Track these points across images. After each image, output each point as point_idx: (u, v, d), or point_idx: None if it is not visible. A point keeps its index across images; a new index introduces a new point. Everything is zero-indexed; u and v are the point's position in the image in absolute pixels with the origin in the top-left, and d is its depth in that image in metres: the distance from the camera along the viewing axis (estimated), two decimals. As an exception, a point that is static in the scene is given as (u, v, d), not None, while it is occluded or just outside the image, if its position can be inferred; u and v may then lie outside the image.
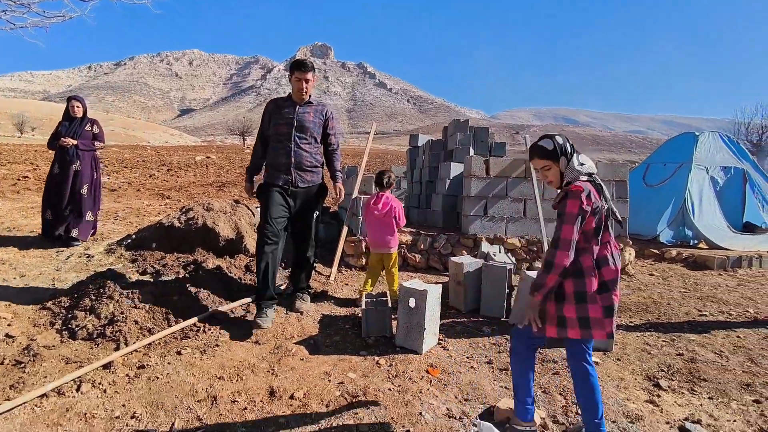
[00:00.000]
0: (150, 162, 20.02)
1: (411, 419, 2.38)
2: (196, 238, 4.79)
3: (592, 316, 1.99)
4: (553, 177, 2.11)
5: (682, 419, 2.50)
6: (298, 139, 3.59)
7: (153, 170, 17.31)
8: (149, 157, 22.34)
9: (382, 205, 4.07)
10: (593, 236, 2.03)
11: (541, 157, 2.10)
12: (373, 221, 4.10)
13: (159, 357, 2.94)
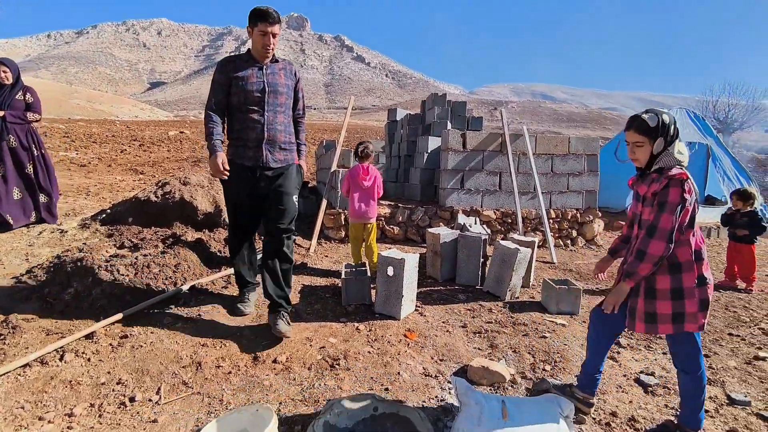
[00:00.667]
0: (120, 137, 19.32)
1: (390, 378, 2.52)
2: (174, 213, 4.76)
3: (688, 312, 1.90)
4: (642, 156, 1.94)
5: (638, 372, 2.72)
6: (271, 107, 2.90)
7: (124, 145, 16.74)
8: (119, 132, 21.53)
9: (369, 175, 4.14)
10: (688, 227, 1.91)
11: (638, 131, 1.92)
12: (360, 192, 4.16)
13: (141, 327, 2.98)
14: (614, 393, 2.48)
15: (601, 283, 4.54)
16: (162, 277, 3.41)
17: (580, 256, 5.61)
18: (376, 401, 2.09)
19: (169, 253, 3.69)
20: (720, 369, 2.81)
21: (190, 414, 2.15)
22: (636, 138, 1.93)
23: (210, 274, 3.75)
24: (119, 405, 2.20)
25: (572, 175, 5.98)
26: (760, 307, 4.01)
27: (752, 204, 4.54)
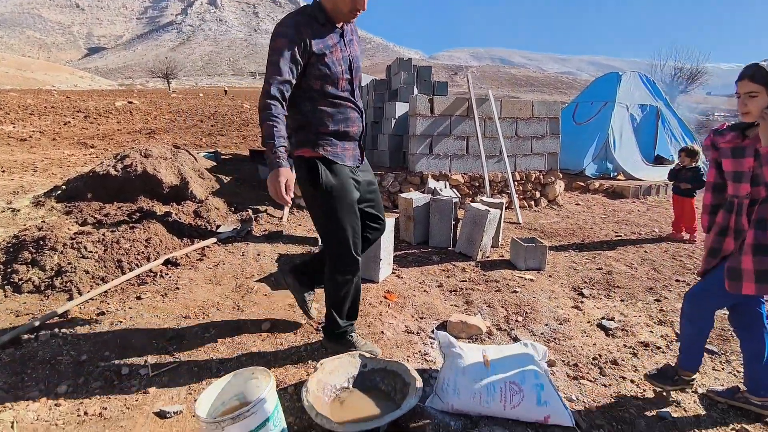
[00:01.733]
0: (61, 108, 17.92)
1: (374, 337, 2.63)
2: (137, 186, 4.57)
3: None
4: (755, 108, 1.79)
5: (599, 318, 2.97)
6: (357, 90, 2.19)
7: (67, 117, 15.58)
8: (59, 103, 19.94)
9: None
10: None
11: (755, 80, 1.76)
12: None
13: (118, 303, 2.93)
14: (580, 338, 2.71)
15: (563, 240, 4.81)
16: (134, 252, 3.33)
17: (543, 215, 5.89)
18: (364, 358, 2.19)
19: (139, 227, 3.58)
20: (670, 311, 3.11)
21: (180, 384, 2.18)
22: (751, 88, 1.77)
23: (183, 247, 3.69)
24: (106, 381, 2.19)
25: (536, 138, 6.18)
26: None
27: (697, 161, 4.89)
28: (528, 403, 1.90)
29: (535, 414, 1.90)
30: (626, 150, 8.49)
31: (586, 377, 2.31)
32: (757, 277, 1.77)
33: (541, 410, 1.90)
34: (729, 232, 1.89)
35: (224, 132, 14.28)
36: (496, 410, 1.92)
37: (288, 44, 1.89)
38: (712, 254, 1.95)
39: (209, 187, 5.24)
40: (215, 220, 4.42)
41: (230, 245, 4.06)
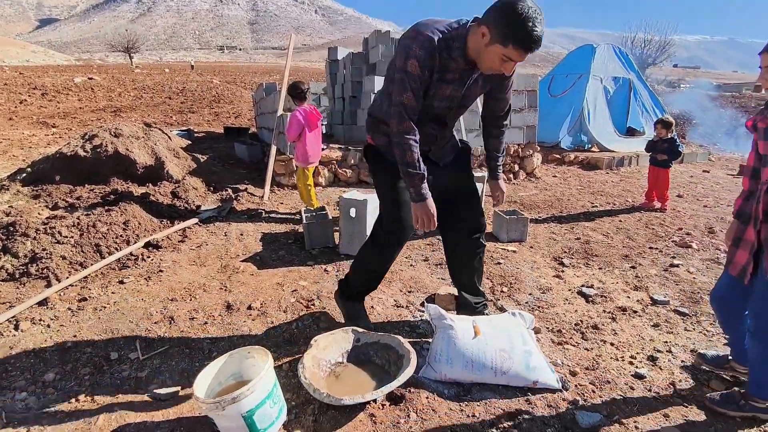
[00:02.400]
0: (15, 85, 16.81)
1: (364, 312, 2.66)
2: (109, 168, 4.39)
3: None
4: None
5: (579, 286, 3.09)
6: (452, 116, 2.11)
7: (23, 95, 14.67)
8: (12, 80, 18.68)
9: (319, 115, 4.04)
10: None
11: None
12: (314, 133, 4.05)
13: (100, 288, 2.86)
14: (562, 305, 2.82)
15: (542, 212, 4.92)
16: (112, 235, 3.23)
17: (522, 188, 5.99)
18: (357, 333, 2.23)
19: (115, 210, 3.46)
20: (644, 277, 3.26)
21: (173, 366, 2.16)
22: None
23: (163, 229, 3.60)
24: (95, 367, 2.15)
25: (514, 111, 6.21)
26: (672, 224, 4.59)
27: (672, 132, 5.03)
28: (518, 369, 1.98)
29: (524, 379, 1.98)
30: (600, 122, 8.65)
31: (570, 342, 2.41)
32: None
33: (530, 375, 1.98)
34: (750, 221, 1.75)
35: (195, 109, 13.78)
36: (487, 377, 1.99)
37: (420, 69, 1.75)
38: (735, 243, 1.82)
39: (186, 166, 5.09)
40: (194, 200, 4.31)
41: (212, 225, 3.98)
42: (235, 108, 14.68)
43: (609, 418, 1.85)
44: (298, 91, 4.03)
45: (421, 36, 1.73)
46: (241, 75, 30.68)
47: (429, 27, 1.76)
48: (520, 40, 1.58)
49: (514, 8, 1.55)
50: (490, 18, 1.63)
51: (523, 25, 1.55)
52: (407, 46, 1.74)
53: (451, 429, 1.78)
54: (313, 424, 1.78)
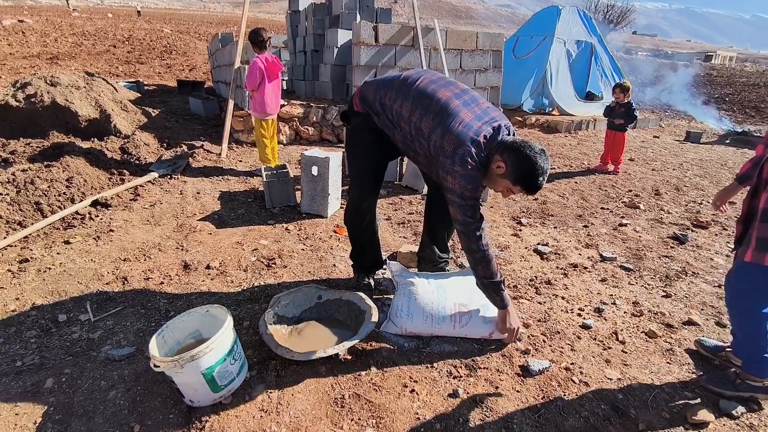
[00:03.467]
0: (-69, 26, 14.90)
1: (327, 270, 2.67)
2: (47, 120, 4.03)
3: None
4: None
5: (535, 244, 3.21)
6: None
7: (-60, 37, 13.04)
8: (-73, 19, 16.52)
9: (280, 64, 3.84)
10: None
11: None
12: (274, 84, 3.85)
13: (43, 249, 2.69)
14: (518, 262, 2.93)
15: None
16: (54, 193, 3.01)
17: (484, 150, 6.06)
18: (319, 290, 2.23)
19: (56, 166, 3.21)
20: (595, 235, 3.42)
21: (128, 327, 2.10)
22: None
23: (112, 187, 3.39)
24: (42, 329, 2.06)
25: (479, 71, 6.17)
26: (623, 186, 4.81)
27: (629, 96, 5.17)
28: (474, 322, 2.06)
29: (480, 331, 2.07)
30: (562, 86, 8.77)
31: (525, 297, 2.53)
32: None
33: (485, 327, 2.07)
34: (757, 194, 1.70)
35: (144, 60, 12.78)
36: (446, 330, 2.06)
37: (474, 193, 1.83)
38: (741, 219, 1.79)
39: (135, 120, 4.75)
40: (146, 156, 4.06)
41: (166, 183, 3.79)
42: (189, 60, 13.74)
43: (557, 364, 1.98)
44: (260, 38, 3.79)
45: (476, 171, 1.79)
46: (195, 24, 28.53)
47: (480, 156, 1.79)
48: (528, 186, 1.76)
49: (532, 164, 1.71)
50: (510, 158, 1.74)
51: (535, 178, 1.73)
52: (474, 179, 1.80)
53: (410, 378, 1.84)
54: (275, 379, 1.80)
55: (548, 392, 1.82)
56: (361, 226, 2.37)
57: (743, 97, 14.34)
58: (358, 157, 2.26)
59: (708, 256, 3.16)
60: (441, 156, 1.83)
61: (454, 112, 1.84)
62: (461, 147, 1.78)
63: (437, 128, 1.83)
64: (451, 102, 1.86)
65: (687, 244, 3.36)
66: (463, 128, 1.80)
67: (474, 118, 1.85)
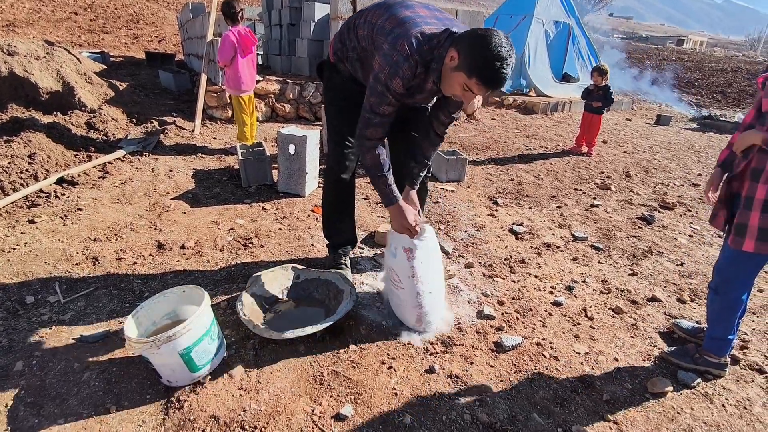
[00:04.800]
0: None
1: (305, 250, 2.66)
2: (4, 92, 3.80)
3: None
4: None
5: (510, 224, 3.28)
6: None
7: None
8: None
9: (254, 38, 3.71)
10: None
11: None
12: (248, 58, 3.73)
13: (6, 228, 2.58)
14: (494, 242, 2.99)
15: (480, 154, 5.05)
16: (15, 170, 2.87)
17: (462, 130, 6.07)
18: (297, 270, 2.23)
19: (16, 141, 3.05)
20: (568, 216, 3.52)
21: (101, 308, 2.05)
22: None
23: (79, 164, 3.25)
24: (9, 312, 1.99)
25: (458, 50, 6.11)
26: (597, 168, 4.94)
27: (607, 79, 5.25)
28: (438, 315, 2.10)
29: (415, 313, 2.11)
30: (539, 67, 8.82)
31: (499, 275, 2.59)
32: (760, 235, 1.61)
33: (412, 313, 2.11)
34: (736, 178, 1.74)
35: (108, 29, 12.12)
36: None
37: (402, 88, 1.68)
38: (720, 201, 1.81)
39: (101, 94, 4.52)
40: (114, 132, 3.89)
41: (137, 161, 3.66)
42: (158, 31, 13.11)
43: (529, 340, 2.06)
44: (233, 10, 3.64)
45: (412, 59, 1.63)
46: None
47: (420, 44, 1.63)
48: (485, 77, 1.51)
49: (487, 43, 1.48)
50: (463, 45, 1.54)
51: (492, 64, 1.48)
52: (398, 64, 1.63)
53: (388, 356, 1.88)
54: (254, 358, 1.81)
55: (520, 366, 1.90)
56: (340, 188, 2.29)
57: (711, 82, 14.77)
58: (335, 112, 2.16)
59: (672, 236, 3.30)
60: (379, 36, 1.73)
61: (410, 5, 1.78)
62: (400, 27, 1.67)
63: (385, 14, 1.75)
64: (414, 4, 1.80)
65: (654, 224, 3.49)
66: (411, 14, 1.72)
67: (431, 16, 1.75)
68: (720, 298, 1.82)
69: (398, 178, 2.09)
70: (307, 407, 1.60)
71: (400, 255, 1.94)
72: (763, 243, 1.61)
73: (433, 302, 2.02)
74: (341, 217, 2.41)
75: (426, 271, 1.96)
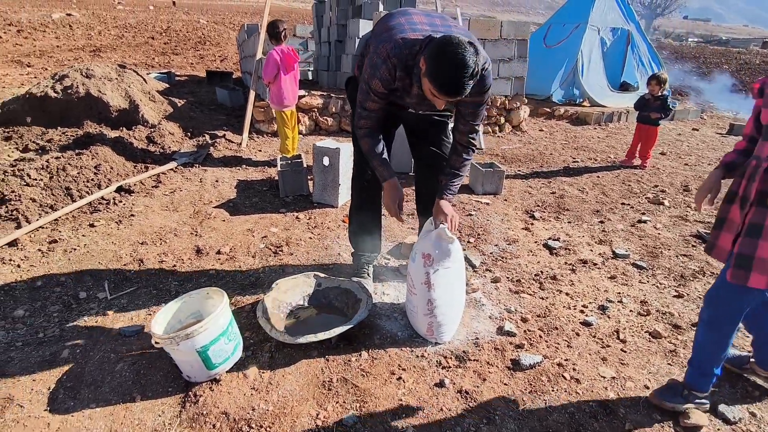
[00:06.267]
0: (-12, 20, 15.91)
1: (331, 259, 2.73)
2: (81, 110, 4.28)
3: None
4: None
5: (546, 239, 3.16)
6: None
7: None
8: (-15, 14, 17.65)
9: (296, 57, 3.92)
10: None
11: None
12: (290, 75, 3.94)
13: (71, 231, 2.88)
14: (526, 256, 2.90)
15: (522, 166, 4.92)
16: (83, 179, 3.21)
17: (506, 141, 5.95)
18: (318, 278, 2.30)
19: (86, 153, 3.41)
20: (611, 231, 3.33)
21: (140, 306, 2.24)
22: None
23: (136, 174, 3.57)
24: (64, 305, 2.22)
25: (503, 61, 6.03)
26: (649, 181, 4.63)
27: (665, 89, 4.91)
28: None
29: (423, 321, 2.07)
30: (594, 76, 8.45)
31: (527, 291, 2.51)
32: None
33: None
34: (736, 200, 1.52)
35: (179, 51, 13.20)
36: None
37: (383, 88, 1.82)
38: (718, 225, 1.60)
39: (162, 110, 4.96)
40: (170, 145, 4.25)
41: (187, 171, 3.96)
42: (222, 51, 14.08)
43: (550, 360, 1.97)
44: (276, 30, 3.87)
45: (390, 61, 1.72)
46: (231, 15, 29.11)
47: (399, 48, 1.71)
48: (440, 84, 1.55)
49: (443, 51, 1.52)
50: (428, 52, 1.58)
51: (446, 71, 1.52)
52: (376, 66, 1.75)
53: (399, 366, 1.89)
54: (269, 360, 1.88)
55: (536, 387, 1.82)
56: (365, 195, 2.39)
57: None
58: None
59: (730, 255, 3.02)
60: (372, 42, 1.85)
61: (409, 14, 1.86)
62: (387, 32, 1.77)
63: (383, 24, 1.86)
64: (414, 13, 1.87)
65: (709, 242, 3.21)
66: (402, 22, 1.79)
67: (427, 23, 1.81)
68: (713, 335, 1.62)
69: (430, 200, 2.17)
70: (313, 411, 1.64)
71: (418, 259, 1.95)
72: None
73: (447, 313, 2.00)
74: (366, 225, 2.46)
75: (442, 281, 1.95)
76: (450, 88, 1.54)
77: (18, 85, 7.50)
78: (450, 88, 1.54)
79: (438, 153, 2.29)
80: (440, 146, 2.29)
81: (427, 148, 2.31)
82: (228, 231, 2.99)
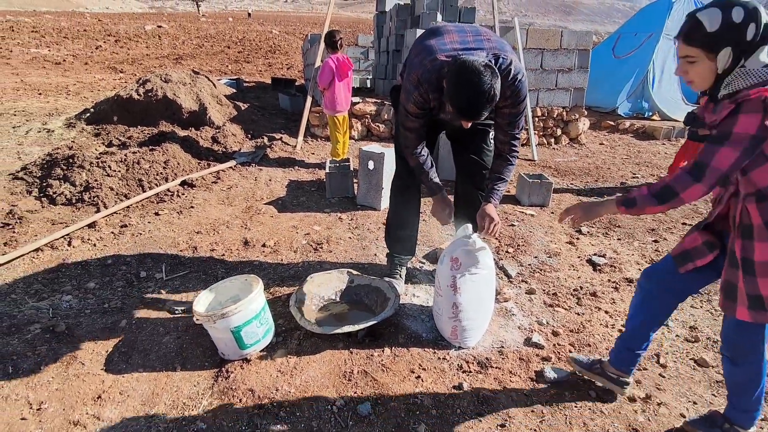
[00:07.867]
0: (93, 32, 17.98)
1: (367, 258, 2.82)
2: (158, 111, 4.75)
3: None
4: (697, 77, 1.29)
5: (590, 254, 3.04)
6: None
7: (98, 41, 15.69)
8: (91, 26, 19.98)
9: (350, 65, 4.11)
10: None
11: (688, 41, 1.26)
12: (344, 82, 4.13)
13: (139, 218, 3.22)
14: (566, 270, 2.81)
15: (576, 179, 4.75)
16: (153, 172, 3.56)
17: (561, 154, 5.76)
18: (352, 275, 2.39)
19: (158, 150, 3.79)
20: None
21: (189, 288, 2.46)
22: (686, 51, 1.27)
23: (200, 170, 3.90)
24: (127, 281, 2.50)
25: (562, 71, 5.86)
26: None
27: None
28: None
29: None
30: (666, 88, 7.92)
31: (562, 305, 2.44)
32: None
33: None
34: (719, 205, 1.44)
35: (250, 59, 14.12)
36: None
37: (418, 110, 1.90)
38: (697, 226, 1.53)
39: (227, 113, 5.37)
40: (232, 145, 4.59)
41: (245, 170, 4.25)
42: (289, 59, 14.86)
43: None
44: (332, 39, 4.08)
45: (422, 87, 1.79)
46: (302, 25, 30.68)
47: (429, 73, 1.75)
48: (455, 106, 1.62)
49: (457, 74, 1.56)
50: (447, 76, 1.64)
51: (459, 94, 1.57)
52: (410, 92, 1.84)
53: (419, 366, 1.92)
54: (296, 347, 2.00)
55: (558, 400, 1.78)
56: (403, 198, 2.44)
57: None
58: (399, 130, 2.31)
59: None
60: (408, 64, 1.91)
61: (441, 32, 1.86)
62: (418, 56, 1.81)
63: (418, 43, 1.90)
64: (447, 31, 1.87)
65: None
66: (434, 43, 1.81)
67: (457, 41, 1.81)
68: (740, 370, 1.51)
69: (466, 205, 2.30)
70: (331, 398, 1.73)
71: (446, 262, 1.98)
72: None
73: (473, 318, 2.00)
74: (402, 226, 2.51)
75: (468, 286, 1.96)
76: (465, 113, 1.62)
77: (111, 88, 8.43)
78: (465, 113, 1.62)
79: (478, 161, 2.32)
80: (481, 155, 2.32)
81: (467, 156, 2.34)
82: (274, 226, 3.18)
